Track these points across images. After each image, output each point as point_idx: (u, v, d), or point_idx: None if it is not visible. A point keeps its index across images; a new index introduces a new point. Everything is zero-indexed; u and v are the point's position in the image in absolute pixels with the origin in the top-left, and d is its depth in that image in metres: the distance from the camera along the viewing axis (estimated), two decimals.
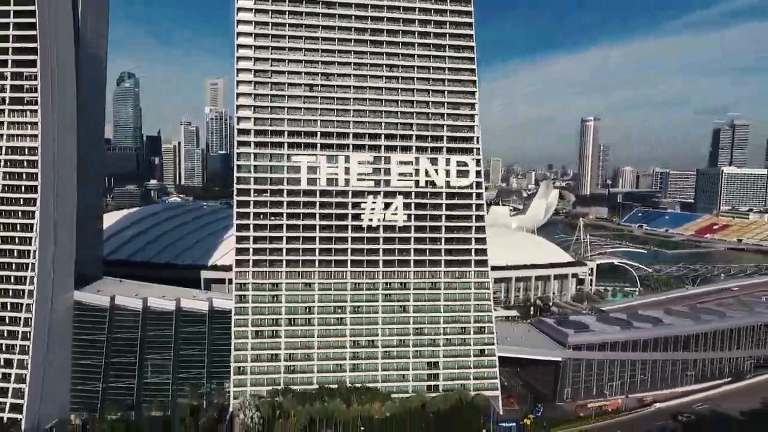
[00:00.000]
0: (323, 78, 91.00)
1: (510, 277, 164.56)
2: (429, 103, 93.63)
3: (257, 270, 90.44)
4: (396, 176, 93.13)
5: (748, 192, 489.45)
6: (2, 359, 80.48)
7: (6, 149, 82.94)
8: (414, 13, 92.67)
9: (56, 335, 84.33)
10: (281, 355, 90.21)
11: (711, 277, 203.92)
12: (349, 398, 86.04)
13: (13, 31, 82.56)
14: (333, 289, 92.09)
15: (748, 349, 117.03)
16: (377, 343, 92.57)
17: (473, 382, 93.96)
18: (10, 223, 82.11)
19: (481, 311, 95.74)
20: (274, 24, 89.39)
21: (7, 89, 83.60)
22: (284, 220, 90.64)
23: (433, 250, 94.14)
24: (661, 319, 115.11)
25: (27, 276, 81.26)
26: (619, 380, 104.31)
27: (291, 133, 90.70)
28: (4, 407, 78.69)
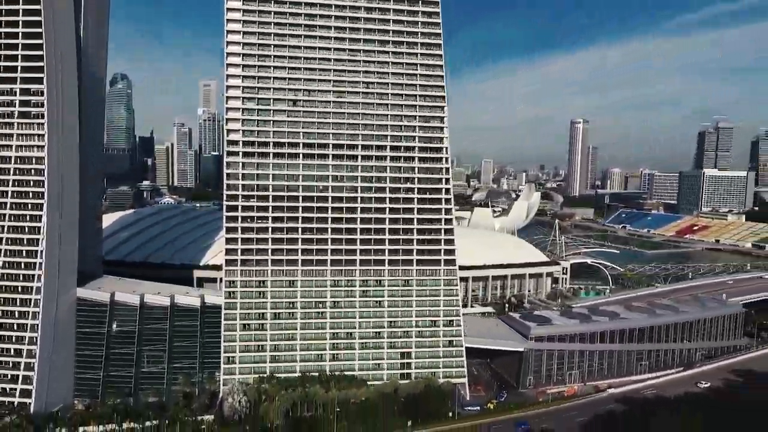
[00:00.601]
0: (305, 93, 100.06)
1: (487, 276, 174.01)
2: (402, 117, 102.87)
3: (245, 269, 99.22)
4: (372, 182, 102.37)
5: (729, 194, 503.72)
6: (13, 350, 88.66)
7: (15, 159, 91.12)
8: (388, 35, 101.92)
9: (61, 328, 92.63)
10: (267, 346, 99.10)
11: (681, 276, 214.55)
12: (329, 384, 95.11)
13: (22, 51, 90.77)
14: (314, 286, 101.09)
15: (698, 341, 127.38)
16: (354, 335, 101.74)
17: (442, 370, 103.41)
18: (20, 227, 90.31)
19: (450, 306, 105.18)
20: (260, 45, 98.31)
21: (16, 104, 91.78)
22: (269, 223, 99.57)
23: (406, 251, 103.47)
24: (619, 314, 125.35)
25: (35, 274, 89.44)
26: (578, 369, 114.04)
27: (276, 144, 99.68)
28: (14, 392, 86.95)
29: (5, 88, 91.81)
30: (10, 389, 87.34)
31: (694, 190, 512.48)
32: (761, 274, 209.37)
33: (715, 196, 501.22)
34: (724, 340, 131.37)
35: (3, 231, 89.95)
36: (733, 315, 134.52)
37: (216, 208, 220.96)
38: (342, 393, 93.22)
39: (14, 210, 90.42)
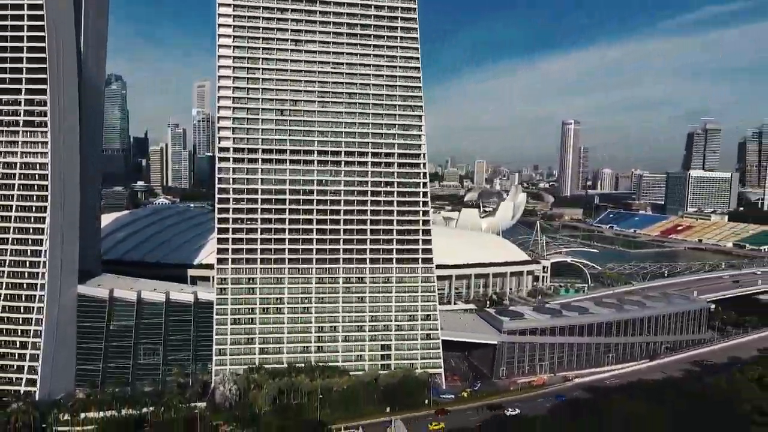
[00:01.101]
0: (291, 103, 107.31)
1: (470, 274, 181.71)
2: (382, 125, 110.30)
3: (235, 267, 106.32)
4: (354, 185, 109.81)
5: (714, 194, 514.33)
6: (18, 342, 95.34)
7: (21, 165, 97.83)
8: (369, 49, 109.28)
9: (63, 323, 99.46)
10: (256, 338, 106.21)
11: (658, 275, 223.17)
12: (313, 374, 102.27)
13: (27, 65, 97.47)
14: (300, 282, 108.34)
15: (664, 335, 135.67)
16: (338, 329, 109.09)
17: (420, 361, 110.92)
18: (25, 228, 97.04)
19: (427, 301, 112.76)
20: (249, 59, 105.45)
21: (21, 113, 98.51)
22: (258, 224, 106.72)
23: (386, 250, 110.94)
24: (588, 309, 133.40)
25: (39, 272, 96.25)
26: (548, 360, 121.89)
27: (264, 150, 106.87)
28: (20, 382, 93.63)
29: (10, 99, 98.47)
30: (17, 378, 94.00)
31: (680, 190, 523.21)
32: (734, 272, 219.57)
33: (701, 197, 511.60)
34: (689, 334, 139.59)
35: (9, 232, 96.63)
36: (697, 311, 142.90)
37: (209, 209, 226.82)
38: (325, 382, 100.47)
39: (20, 212, 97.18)
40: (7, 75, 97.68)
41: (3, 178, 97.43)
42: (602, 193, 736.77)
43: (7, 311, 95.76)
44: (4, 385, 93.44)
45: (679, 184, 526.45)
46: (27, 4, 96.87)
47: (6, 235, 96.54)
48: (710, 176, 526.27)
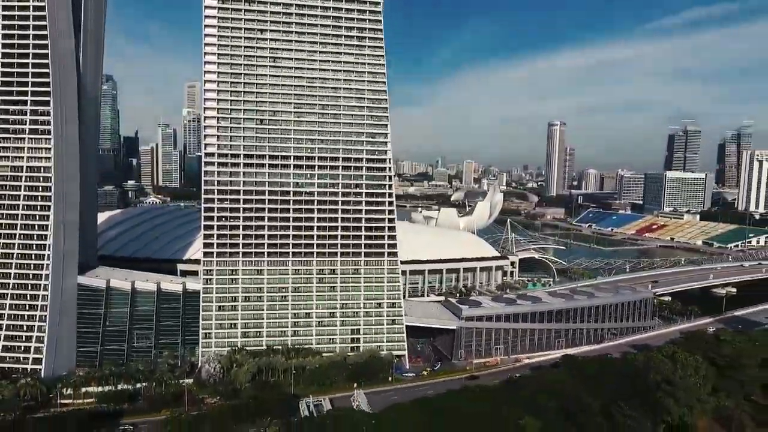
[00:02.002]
0: (270, 114, 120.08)
1: (441, 269, 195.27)
2: (352, 133, 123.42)
3: (220, 259, 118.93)
4: (327, 187, 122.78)
5: (689, 194, 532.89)
6: (26, 326, 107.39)
7: (27, 168, 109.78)
8: (340, 65, 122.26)
9: (65, 309, 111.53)
10: (238, 323, 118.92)
11: (621, 270, 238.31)
12: (289, 355, 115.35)
13: (32, 79, 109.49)
14: (278, 273, 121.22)
15: (611, 322, 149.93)
16: (312, 315, 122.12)
17: (386, 344, 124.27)
18: (31, 224, 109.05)
19: (393, 291, 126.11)
20: (232, 74, 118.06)
21: (27, 122, 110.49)
22: (241, 221, 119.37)
23: (355, 245, 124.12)
24: (541, 299, 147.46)
25: (44, 264, 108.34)
26: (503, 344, 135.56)
27: (246, 155, 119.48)
28: (28, 360, 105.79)
29: (17, 109, 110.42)
30: (24, 358, 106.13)
31: (658, 191, 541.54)
32: (691, 268, 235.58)
33: (677, 197, 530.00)
34: (634, 321, 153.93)
35: (17, 228, 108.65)
36: (642, 300, 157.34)
37: (199, 208, 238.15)
38: (299, 361, 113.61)
39: (26, 211, 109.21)
40: (14, 88, 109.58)
41: (11, 179, 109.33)
42: (585, 193, 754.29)
43: (15, 298, 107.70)
44: (13, 363, 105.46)
45: (657, 184, 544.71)
46: (32, 25, 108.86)
47: (14, 230, 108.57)
48: (686, 177, 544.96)
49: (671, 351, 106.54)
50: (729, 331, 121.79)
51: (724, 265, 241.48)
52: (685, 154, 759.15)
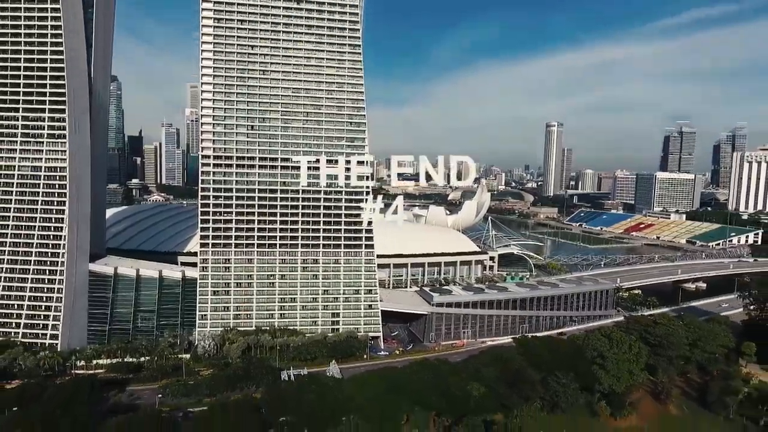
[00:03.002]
0: (260, 120, 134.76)
1: (424, 263, 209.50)
2: (333, 138, 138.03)
3: (215, 250, 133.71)
4: (311, 185, 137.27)
5: (679, 195, 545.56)
6: (44, 306, 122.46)
7: (45, 168, 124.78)
8: (323, 77, 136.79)
9: (78, 292, 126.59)
10: (231, 307, 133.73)
11: (597, 265, 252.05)
12: (275, 334, 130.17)
13: (50, 89, 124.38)
14: (266, 263, 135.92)
15: (571, 310, 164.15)
16: (296, 300, 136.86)
17: (363, 326, 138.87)
18: (49, 218, 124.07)
19: (369, 279, 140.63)
20: (226, 84, 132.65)
21: (45, 128, 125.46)
22: (233, 216, 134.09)
23: (336, 237, 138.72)
24: (508, 289, 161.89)
25: (60, 252, 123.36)
26: (470, 328, 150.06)
27: (238, 157, 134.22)
28: (46, 336, 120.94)
29: (37, 116, 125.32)
30: (42, 334, 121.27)
31: (648, 191, 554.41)
32: (665, 264, 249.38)
33: (667, 197, 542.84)
34: (594, 310, 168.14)
35: (37, 221, 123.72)
36: (603, 291, 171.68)
37: None
38: (284, 340, 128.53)
39: (45, 206, 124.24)
40: (35, 98, 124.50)
41: (32, 178, 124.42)
42: (580, 193, 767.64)
43: (35, 282, 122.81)
44: (34, 338, 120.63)
45: (648, 185, 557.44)
46: (50, 42, 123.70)
47: (34, 223, 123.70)
48: (675, 177, 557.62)
49: (609, 331, 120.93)
50: (669, 317, 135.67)
51: (695, 262, 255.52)
52: (680, 154, 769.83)
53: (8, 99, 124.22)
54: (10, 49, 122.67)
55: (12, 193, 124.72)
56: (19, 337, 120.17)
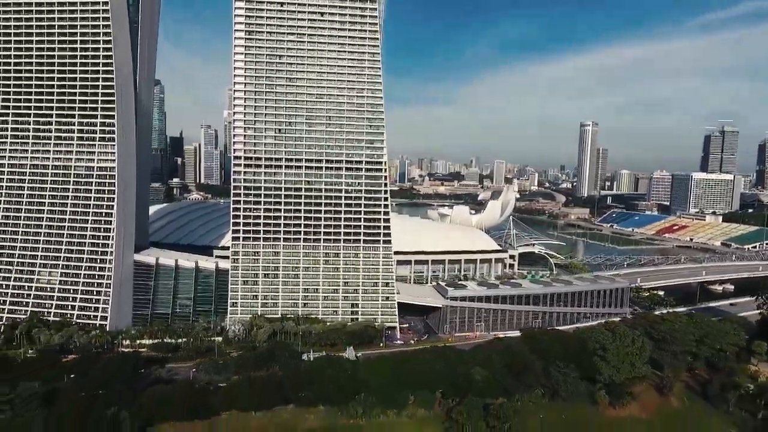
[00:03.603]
0: (287, 125, 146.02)
1: (444, 260, 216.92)
2: (354, 140, 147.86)
3: (245, 243, 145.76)
4: (332, 186, 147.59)
5: (717, 196, 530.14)
6: (95, 291, 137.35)
7: (97, 168, 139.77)
8: (344, 83, 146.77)
9: (124, 280, 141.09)
10: (259, 295, 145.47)
11: (620, 265, 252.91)
12: (298, 322, 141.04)
13: (101, 98, 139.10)
14: (291, 256, 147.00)
15: (585, 307, 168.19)
16: (318, 290, 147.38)
17: (380, 317, 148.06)
18: (100, 212, 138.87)
19: (387, 273, 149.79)
20: (256, 92, 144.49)
21: (97, 132, 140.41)
22: (261, 212, 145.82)
23: (356, 233, 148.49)
24: (521, 284, 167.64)
25: (109, 244, 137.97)
26: (483, 322, 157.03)
27: (266, 158, 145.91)
28: (96, 317, 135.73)
29: (91, 122, 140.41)
30: (94, 315, 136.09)
31: (685, 192, 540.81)
32: (689, 265, 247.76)
33: (704, 198, 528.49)
34: (608, 308, 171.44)
35: (89, 215, 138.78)
36: (618, 290, 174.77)
37: None
38: (306, 327, 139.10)
39: (96, 202, 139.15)
40: (89, 105, 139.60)
41: (85, 177, 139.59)
42: (614, 193, 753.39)
43: (88, 270, 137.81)
44: (86, 319, 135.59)
45: (683, 185, 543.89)
46: (102, 55, 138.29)
47: (87, 217, 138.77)
48: (713, 178, 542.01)
49: (613, 326, 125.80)
50: (676, 314, 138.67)
51: (722, 264, 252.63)
52: (721, 154, 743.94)
53: (66, 106, 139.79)
54: (68, 61, 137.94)
55: (69, 191, 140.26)
56: (74, 318, 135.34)
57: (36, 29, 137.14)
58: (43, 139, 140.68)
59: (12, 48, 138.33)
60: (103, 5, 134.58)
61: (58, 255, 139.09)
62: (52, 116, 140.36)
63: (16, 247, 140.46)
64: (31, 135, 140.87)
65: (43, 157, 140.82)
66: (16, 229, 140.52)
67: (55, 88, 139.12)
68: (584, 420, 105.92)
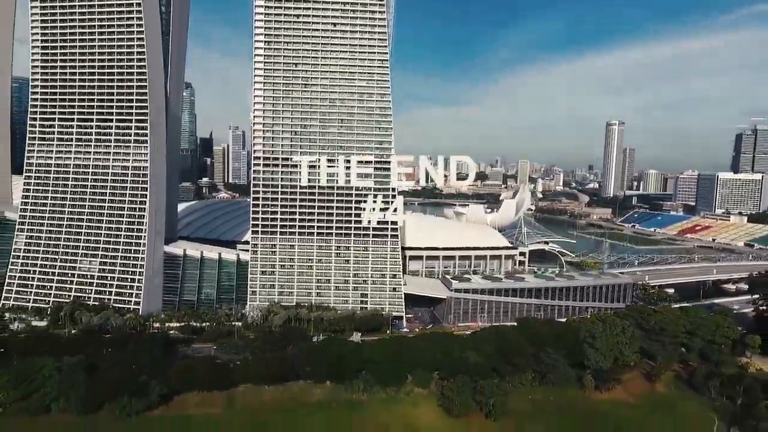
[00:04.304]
0: (301, 127, 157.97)
1: (455, 255, 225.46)
2: (363, 141, 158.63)
3: (263, 236, 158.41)
4: (345, 183, 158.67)
5: (744, 196, 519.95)
6: (130, 278, 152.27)
7: (132, 167, 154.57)
8: (355, 89, 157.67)
9: (155, 269, 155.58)
10: (276, 285, 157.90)
11: (630, 263, 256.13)
12: (311, 309, 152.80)
13: (136, 104, 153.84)
14: (306, 249, 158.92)
15: (588, 301, 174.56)
16: (330, 281, 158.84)
17: (387, 306, 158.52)
18: (134, 207, 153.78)
19: (394, 265, 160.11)
20: (273, 98, 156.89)
21: (132, 135, 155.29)
22: (279, 208, 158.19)
23: (365, 228, 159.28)
24: (524, 278, 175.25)
25: (142, 236, 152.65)
26: (486, 313, 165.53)
27: (284, 159, 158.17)
28: (131, 302, 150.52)
29: (126, 125, 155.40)
30: (128, 300, 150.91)
31: (711, 192, 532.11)
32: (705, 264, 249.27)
33: (730, 198, 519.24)
34: (610, 303, 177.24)
35: (125, 210, 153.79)
36: (621, 285, 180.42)
37: None
38: (318, 314, 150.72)
39: (131, 198, 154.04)
40: (124, 111, 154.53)
41: (121, 176, 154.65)
42: (639, 193, 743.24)
43: (123, 259, 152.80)
44: (122, 303, 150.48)
45: (709, 185, 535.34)
46: (137, 66, 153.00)
47: (123, 212, 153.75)
48: (738, 178, 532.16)
49: (604, 316, 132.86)
50: (669, 308, 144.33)
51: (735, 264, 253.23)
52: (753, 153, 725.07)
53: (105, 112, 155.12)
54: (107, 71, 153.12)
55: (107, 188, 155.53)
56: (111, 302, 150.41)
57: (79, 43, 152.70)
58: (85, 142, 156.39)
59: (58, 61, 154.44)
60: (137, 27, 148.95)
61: (97, 246, 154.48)
62: (92, 121, 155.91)
63: (60, 239, 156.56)
64: (74, 138, 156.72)
65: (85, 158, 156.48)
66: (61, 222, 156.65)
67: (95, 96, 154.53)
68: (570, 401, 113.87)
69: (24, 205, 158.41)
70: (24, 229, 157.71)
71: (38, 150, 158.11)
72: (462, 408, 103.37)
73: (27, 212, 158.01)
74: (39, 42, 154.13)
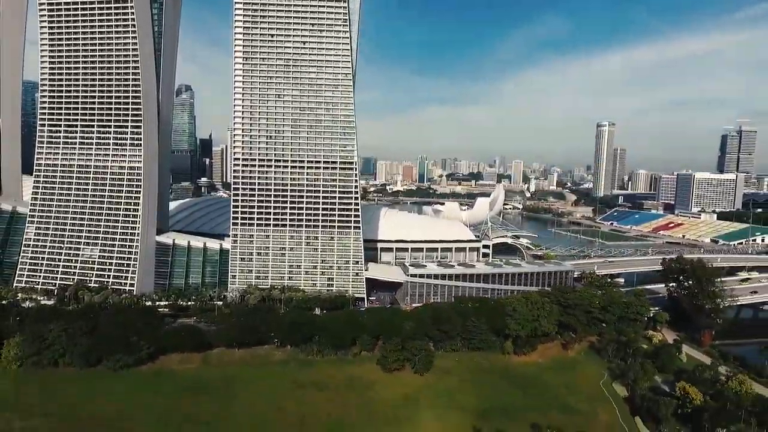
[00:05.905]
0: (276, 132, 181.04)
1: (423, 248, 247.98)
2: (330, 143, 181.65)
3: (242, 228, 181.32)
4: (312, 181, 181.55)
5: (719, 195, 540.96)
6: (125, 264, 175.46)
7: (128, 167, 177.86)
8: (322, 98, 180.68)
9: (148, 255, 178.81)
10: (252, 270, 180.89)
11: (586, 256, 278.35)
12: (283, 291, 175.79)
13: (131, 112, 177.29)
14: (279, 238, 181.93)
15: (532, 287, 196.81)
16: (301, 267, 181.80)
17: (351, 289, 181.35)
18: (129, 202, 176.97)
19: (357, 253, 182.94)
20: (251, 106, 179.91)
21: (128, 138, 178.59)
22: (255, 203, 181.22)
23: (331, 220, 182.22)
24: (474, 266, 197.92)
25: (136, 226, 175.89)
26: (439, 296, 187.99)
27: (260, 159, 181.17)
28: (126, 284, 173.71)
29: (123, 129, 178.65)
30: (124, 282, 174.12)
31: (687, 191, 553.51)
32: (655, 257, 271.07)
33: (706, 197, 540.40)
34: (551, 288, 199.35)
35: (121, 204, 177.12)
36: (562, 272, 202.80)
37: None
38: (288, 294, 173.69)
39: (127, 194, 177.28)
40: (121, 116, 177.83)
41: (118, 175, 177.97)
42: (626, 193, 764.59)
43: (120, 246, 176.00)
44: (118, 285, 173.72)
45: (686, 185, 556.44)
46: (132, 78, 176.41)
47: (120, 206, 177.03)
48: (714, 178, 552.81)
49: (528, 294, 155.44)
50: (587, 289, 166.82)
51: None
52: (738, 154, 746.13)
53: (104, 117, 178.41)
54: (105, 81, 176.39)
55: (106, 186, 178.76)
56: (109, 284, 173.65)
57: (82, 56, 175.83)
58: (87, 145, 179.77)
59: (64, 72, 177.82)
60: (132, 47, 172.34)
61: (98, 235, 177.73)
62: (94, 126, 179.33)
63: (65, 230, 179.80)
64: (78, 142, 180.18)
65: (87, 159, 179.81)
66: (66, 215, 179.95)
67: (96, 103, 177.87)
68: (489, 362, 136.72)
69: (34, 201, 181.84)
70: (34, 221, 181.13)
71: (46, 152, 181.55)
72: (394, 364, 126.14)
73: (36, 207, 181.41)
74: (47, 48, 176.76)
